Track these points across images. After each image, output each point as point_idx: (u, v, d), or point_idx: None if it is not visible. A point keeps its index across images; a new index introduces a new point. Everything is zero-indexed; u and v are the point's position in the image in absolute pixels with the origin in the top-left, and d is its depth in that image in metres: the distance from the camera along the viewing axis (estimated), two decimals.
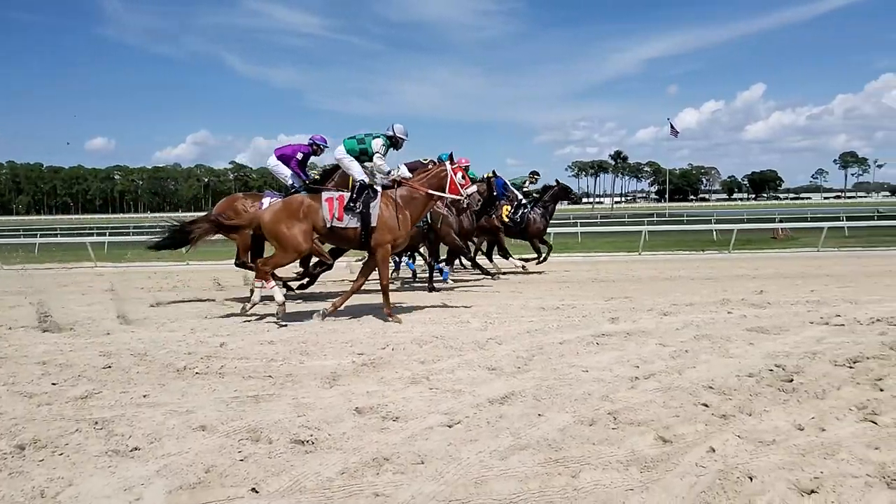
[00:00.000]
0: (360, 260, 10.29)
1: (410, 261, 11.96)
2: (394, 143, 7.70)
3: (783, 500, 2.67)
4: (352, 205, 6.89)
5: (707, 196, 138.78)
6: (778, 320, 6.26)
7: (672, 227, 24.78)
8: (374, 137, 7.48)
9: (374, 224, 6.90)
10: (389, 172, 7.47)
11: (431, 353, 5.17)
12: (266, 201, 8.19)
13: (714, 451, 3.17)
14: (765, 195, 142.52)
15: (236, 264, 8.71)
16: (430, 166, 7.86)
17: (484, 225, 11.05)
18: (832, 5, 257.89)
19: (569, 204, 14.05)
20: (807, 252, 16.81)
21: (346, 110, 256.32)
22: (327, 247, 8.38)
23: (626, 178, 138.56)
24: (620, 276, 11.34)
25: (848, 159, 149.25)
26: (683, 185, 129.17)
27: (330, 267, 8.59)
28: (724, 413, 3.68)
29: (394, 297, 7.56)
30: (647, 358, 4.92)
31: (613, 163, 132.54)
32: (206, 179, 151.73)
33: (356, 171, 7.38)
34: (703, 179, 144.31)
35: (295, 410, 3.84)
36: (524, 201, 12.18)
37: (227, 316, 7.44)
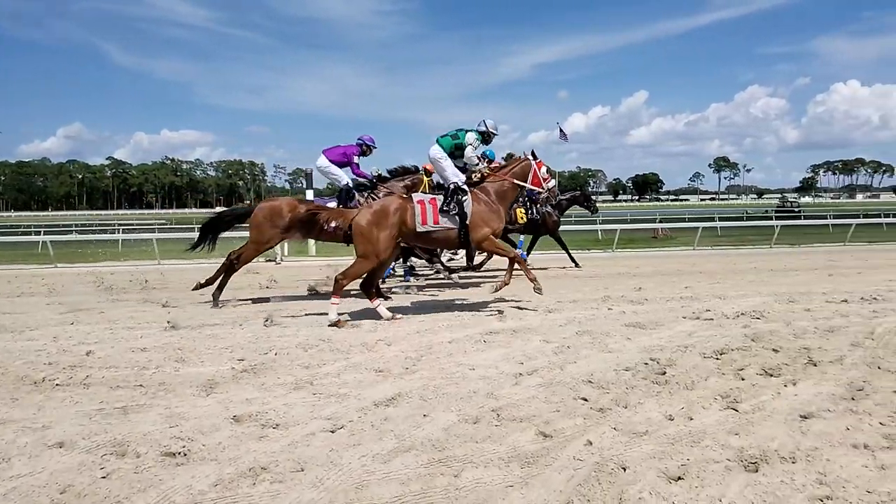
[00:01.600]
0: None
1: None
2: (485, 138, 7.79)
3: (653, 487, 2.79)
4: (446, 207, 6.90)
5: (594, 197, 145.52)
6: (654, 316, 6.58)
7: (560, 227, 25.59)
8: (466, 132, 7.54)
9: (469, 222, 6.94)
10: (478, 165, 7.52)
11: (317, 357, 5.04)
12: (321, 203, 8.40)
13: (591, 444, 3.27)
14: (647, 197, 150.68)
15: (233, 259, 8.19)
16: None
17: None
18: (706, 20, 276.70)
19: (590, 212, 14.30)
20: (683, 251, 17.86)
21: (237, 106, 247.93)
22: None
23: None
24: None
25: (721, 163, 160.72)
26: (572, 186, 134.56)
27: None
28: (601, 406, 3.80)
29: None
30: (531, 354, 5.03)
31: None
32: (80, 176, 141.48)
33: (450, 173, 7.27)
34: (591, 181, 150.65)
35: (167, 421, 3.62)
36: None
37: (97, 322, 6.93)
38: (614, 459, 3.05)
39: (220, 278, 8.07)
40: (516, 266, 7.22)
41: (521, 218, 11.37)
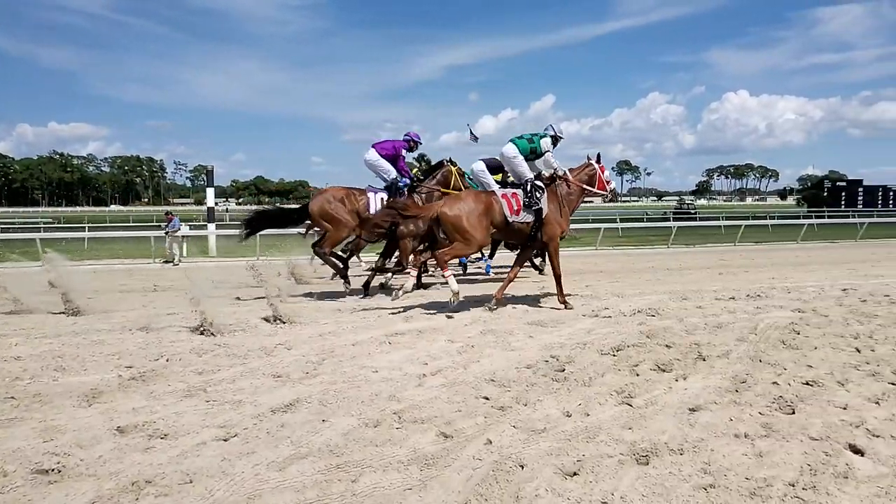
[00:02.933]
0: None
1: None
2: (554, 141, 8.00)
3: (549, 484, 2.82)
4: (527, 201, 7.29)
5: None
6: (556, 314, 6.73)
7: None
8: (540, 137, 7.82)
9: (544, 218, 7.35)
10: (554, 169, 7.80)
11: (212, 363, 4.82)
12: (372, 196, 8.64)
13: (491, 442, 3.28)
14: None
15: (317, 253, 8.67)
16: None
17: None
18: (610, 28, 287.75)
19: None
20: (586, 251, 18.46)
21: (134, 99, 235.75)
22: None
23: None
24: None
25: (623, 167, 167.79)
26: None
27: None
28: (502, 405, 3.83)
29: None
30: (435, 355, 5.01)
31: (417, 165, 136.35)
32: None
33: (525, 170, 7.60)
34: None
35: (41, 435, 3.34)
36: None
37: None
38: (513, 457, 3.07)
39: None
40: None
41: None
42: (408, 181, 9.11)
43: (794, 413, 3.62)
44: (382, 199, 8.65)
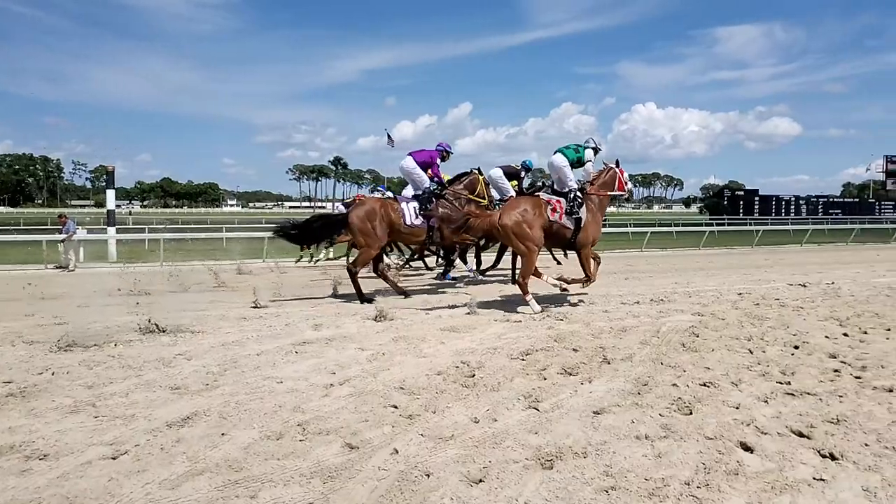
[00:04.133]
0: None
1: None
2: (595, 152, 8.51)
3: (454, 492, 2.79)
4: (569, 207, 7.75)
5: None
6: (468, 320, 6.75)
7: None
8: (585, 149, 8.36)
9: (583, 225, 7.85)
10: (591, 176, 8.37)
11: (104, 376, 4.52)
12: (405, 206, 8.82)
13: (398, 452, 3.22)
14: None
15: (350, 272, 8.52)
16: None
17: None
18: (525, 38, 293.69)
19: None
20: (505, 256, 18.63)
21: (28, 93, 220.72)
22: None
23: (348, 184, 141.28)
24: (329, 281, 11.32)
25: (538, 175, 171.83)
26: (401, 192, 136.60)
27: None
28: (411, 413, 3.78)
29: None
30: (344, 363, 4.90)
31: (334, 168, 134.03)
32: None
33: (571, 179, 8.05)
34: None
35: None
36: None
37: None
38: (419, 467, 3.03)
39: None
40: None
41: None
42: (437, 186, 9.38)
43: (691, 414, 3.75)
44: (415, 208, 8.87)
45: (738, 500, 2.70)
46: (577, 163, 8.26)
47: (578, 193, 7.99)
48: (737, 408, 3.84)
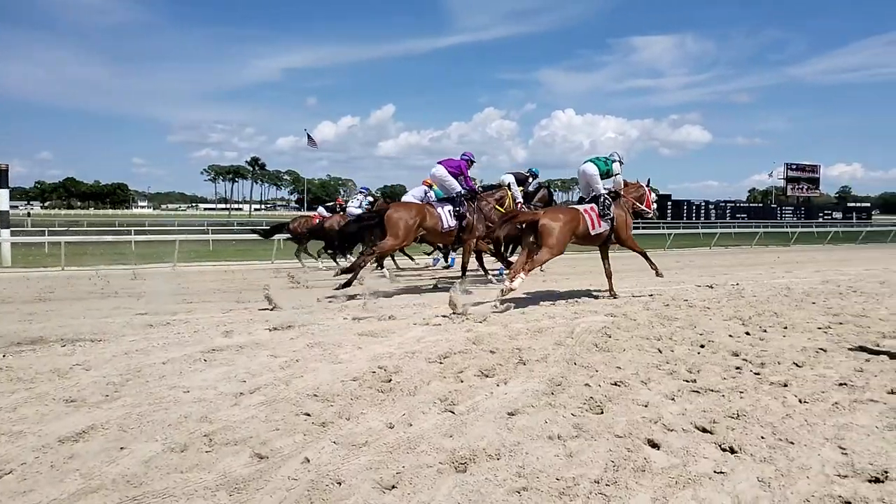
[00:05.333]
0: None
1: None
2: (620, 164, 9.37)
3: (366, 499, 2.74)
4: (602, 210, 8.78)
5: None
6: (387, 324, 6.68)
7: None
8: (612, 162, 9.24)
9: (615, 225, 8.96)
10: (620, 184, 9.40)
11: None
12: (441, 210, 9.81)
13: (309, 461, 3.13)
14: None
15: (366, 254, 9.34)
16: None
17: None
18: (448, 42, 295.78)
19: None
20: (426, 259, 18.66)
21: None
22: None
23: (266, 185, 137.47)
24: (247, 286, 11.00)
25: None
26: (323, 195, 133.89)
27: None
28: (324, 420, 3.69)
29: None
30: (256, 371, 4.74)
31: (251, 169, 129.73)
32: None
33: (600, 186, 9.02)
34: (342, 190, 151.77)
35: None
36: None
37: None
38: (330, 475, 2.95)
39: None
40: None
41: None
42: (469, 190, 10.33)
43: (602, 413, 3.84)
44: (449, 210, 9.88)
45: (644, 497, 2.77)
46: (606, 175, 9.12)
47: (607, 196, 8.98)
48: (645, 406, 3.95)
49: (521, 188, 11.98)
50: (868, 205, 70.09)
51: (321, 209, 16.09)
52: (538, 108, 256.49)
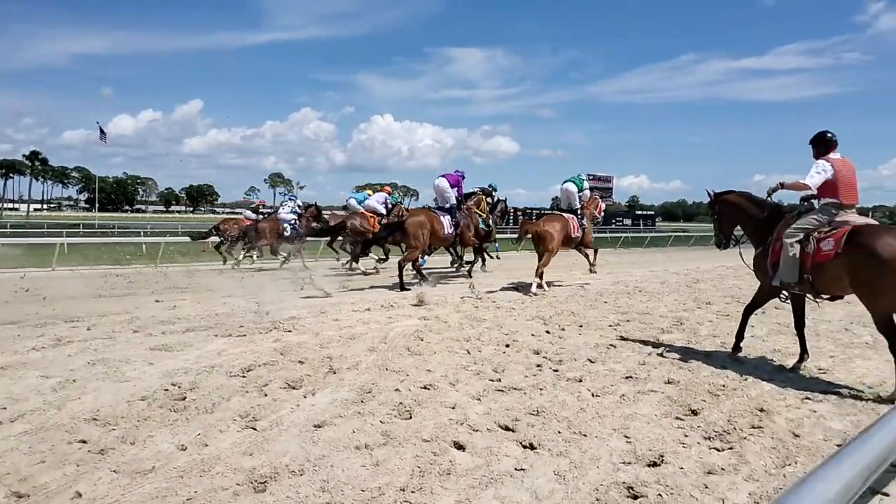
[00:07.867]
0: None
1: None
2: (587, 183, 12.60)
3: None
4: (580, 222, 11.45)
5: (144, 207, 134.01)
6: (184, 337, 6.12)
7: (98, 239, 22.79)
8: (582, 180, 12.29)
9: (584, 232, 11.61)
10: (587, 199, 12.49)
11: None
12: (443, 217, 11.39)
13: (81, 495, 2.76)
14: (202, 208, 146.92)
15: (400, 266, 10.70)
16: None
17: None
18: (263, 39, 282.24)
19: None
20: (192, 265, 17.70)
21: None
22: None
23: (50, 182, 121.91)
24: (28, 297, 9.63)
25: (276, 179, 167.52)
26: (118, 194, 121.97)
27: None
28: (103, 447, 3.28)
29: None
30: (20, 396, 4.11)
31: (30, 164, 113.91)
32: None
33: (577, 201, 11.83)
34: (141, 190, 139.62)
35: None
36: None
37: None
38: None
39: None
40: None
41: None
42: (458, 201, 11.99)
43: (411, 417, 3.81)
44: (448, 219, 11.45)
45: (448, 500, 2.76)
46: (579, 190, 11.87)
47: (581, 211, 11.71)
48: (453, 408, 3.99)
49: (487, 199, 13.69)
50: (653, 213, 78.29)
51: (247, 212, 18.36)
52: (357, 112, 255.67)
